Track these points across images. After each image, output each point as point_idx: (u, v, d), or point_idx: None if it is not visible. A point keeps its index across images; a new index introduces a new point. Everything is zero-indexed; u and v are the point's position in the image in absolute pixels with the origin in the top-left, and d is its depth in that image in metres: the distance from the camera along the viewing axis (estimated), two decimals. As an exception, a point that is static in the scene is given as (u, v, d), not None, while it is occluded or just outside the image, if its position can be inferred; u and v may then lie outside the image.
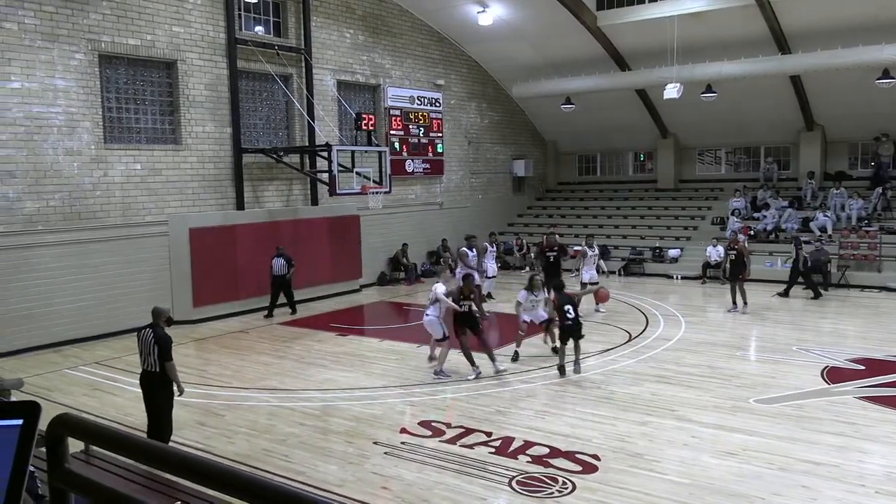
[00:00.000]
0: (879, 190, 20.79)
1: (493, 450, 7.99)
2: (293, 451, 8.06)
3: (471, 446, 8.08)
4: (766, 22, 19.10)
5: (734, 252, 15.57)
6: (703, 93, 20.96)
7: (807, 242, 19.65)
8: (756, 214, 21.89)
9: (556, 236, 16.95)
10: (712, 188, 24.71)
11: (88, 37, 13.98)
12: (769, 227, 21.18)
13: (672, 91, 20.38)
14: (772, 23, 19.14)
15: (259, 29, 17.70)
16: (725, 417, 9.00)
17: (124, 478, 5.54)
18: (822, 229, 20.01)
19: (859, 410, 9.19)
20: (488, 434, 8.43)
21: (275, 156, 17.14)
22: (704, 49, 19.92)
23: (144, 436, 7.23)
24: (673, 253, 21.44)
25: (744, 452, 7.84)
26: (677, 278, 20.45)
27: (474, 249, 16.88)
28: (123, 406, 9.83)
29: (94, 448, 5.82)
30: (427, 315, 11.25)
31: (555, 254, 15.74)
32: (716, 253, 19.56)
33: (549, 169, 28.28)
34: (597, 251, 16.01)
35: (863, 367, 11.16)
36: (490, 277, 17.77)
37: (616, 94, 23.19)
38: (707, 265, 19.86)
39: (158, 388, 7.80)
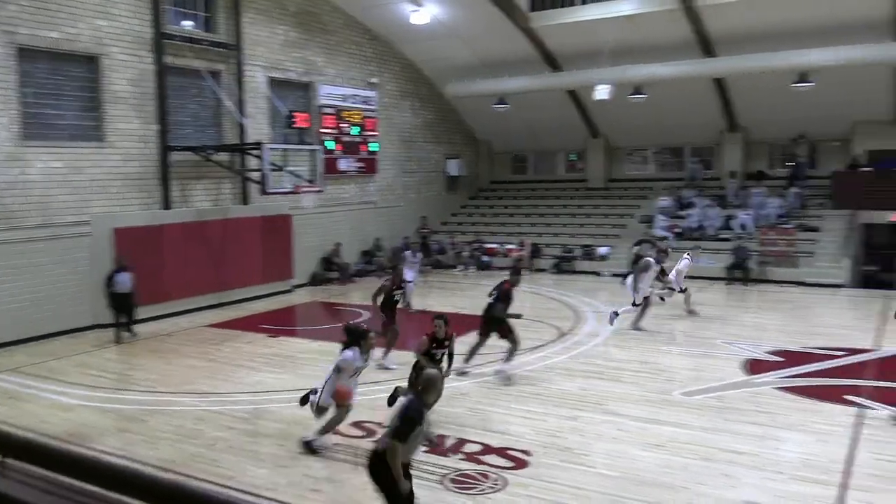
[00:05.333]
0: (796, 189, 21.72)
1: (425, 448, 7.99)
2: (222, 456, 7.89)
3: (404, 445, 8.06)
4: (692, 26, 19.73)
5: (496, 293, 10.84)
6: (631, 94, 21.47)
7: (727, 240, 20.38)
8: (682, 213, 22.54)
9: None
10: (641, 187, 25.32)
11: (5, 29, 13.36)
12: (694, 226, 21.84)
13: (602, 92, 20.85)
14: (697, 27, 19.79)
15: (188, 24, 17.25)
16: (653, 410, 9.24)
17: (43, 490, 5.31)
18: (744, 227, 20.78)
19: (777, 400, 9.57)
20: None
21: (204, 154, 16.75)
22: (634, 51, 20.40)
23: (63, 445, 6.97)
24: (602, 251, 21.89)
25: (670, 444, 8.07)
26: (607, 275, 20.86)
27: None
28: (41, 414, 9.44)
29: (10, 461, 5.56)
30: None
31: None
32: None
33: (481, 168, 28.48)
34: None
35: (782, 359, 11.63)
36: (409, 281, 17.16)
37: (548, 94, 23.53)
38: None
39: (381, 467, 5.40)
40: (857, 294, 17.97)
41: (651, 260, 13.87)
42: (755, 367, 11.24)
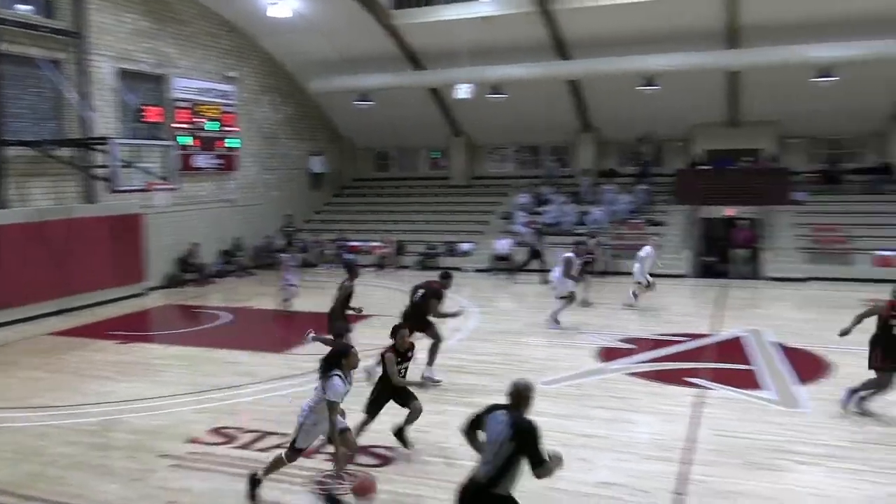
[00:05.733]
0: (644, 186, 23.11)
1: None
2: (68, 473, 7.37)
3: (266, 450, 7.86)
4: (548, 29, 20.51)
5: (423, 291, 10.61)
6: (489, 94, 22.02)
7: (582, 234, 21.34)
8: (540, 209, 23.38)
9: None
10: (502, 185, 25.99)
11: None
12: (551, 222, 22.71)
13: (463, 91, 21.28)
14: (553, 30, 20.60)
15: (24, 8, 15.93)
16: (514, 401, 9.51)
17: None
18: (597, 222, 21.86)
19: (628, 385, 10.16)
20: (285, 436, 8.25)
21: (43, 149, 15.57)
22: (494, 52, 20.94)
23: None
24: (465, 247, 22.33)
25: (530, 433, 8.34)
26: (470, 271, 21.29)
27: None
28: None
29: None
30: None
31: None
32: (504, 245, 20.74)
33: (345, 165, 28.25)
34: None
35: (633, 346, 12.34)
36: (292, 285, 15.90)
37: (411, 92, 23.71)
38: (498, 257, 20.93)
39: None
40: (698, 283, 19.37)
41: (570, 255, 14.17)
42: (608, 354, 11.85)
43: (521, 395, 5.00)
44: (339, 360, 6.52)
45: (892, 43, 18.31)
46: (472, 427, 5.16)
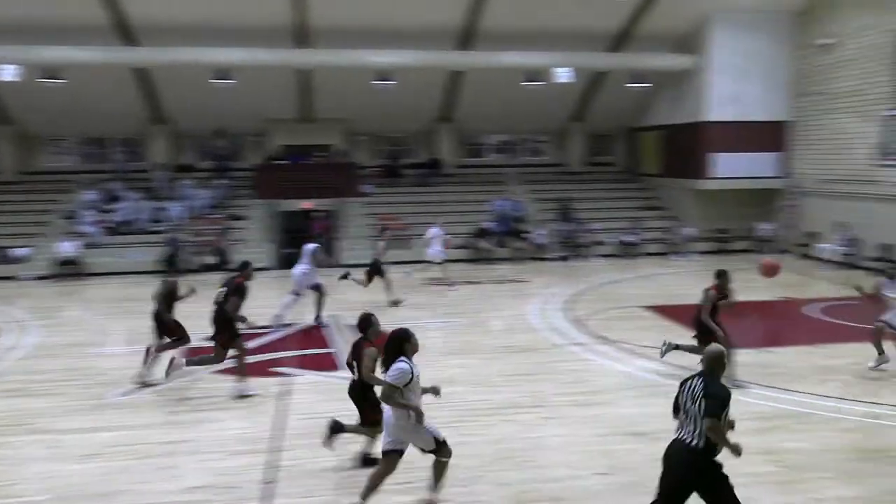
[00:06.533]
0: (223, 181, 22.94)
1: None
2: None
3: None
4: (109, 12, 19.05)
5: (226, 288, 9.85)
6: (42, 77, 19.66)
7: (160, 232, 20.44)
8: (110, 206, 21.62)
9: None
10: (63, 180, 23.29)
11: None
12: (124, 219, 21.18)
13: (6, 73, 18.80)
14: (114, 13, 19.18)
15: None
16: (87, 419, 8.70)
17: None
18: (175, 218, 21.04)
19: (214, 384, 9.98)
20: None
21: None
22: (48, 30, 18.85)
23: None
24: (21, 252, 19.59)
25: (109, 450, 7.74)
26: (29, 278, 18.81)
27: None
28: None
29: None
30: None
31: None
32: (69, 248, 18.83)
33: None
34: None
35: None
36: None
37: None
38: (63, 262, 18.86)
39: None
40: (281, 275, 19.84)
41: (313, 246, 13.82)
42: (193, 355, 11.45)
43: (714, 360, 5.13)
44: (401, 346, 6.12)
45: (436, 54, 21.23)
46: (677, 410, 5.27)
